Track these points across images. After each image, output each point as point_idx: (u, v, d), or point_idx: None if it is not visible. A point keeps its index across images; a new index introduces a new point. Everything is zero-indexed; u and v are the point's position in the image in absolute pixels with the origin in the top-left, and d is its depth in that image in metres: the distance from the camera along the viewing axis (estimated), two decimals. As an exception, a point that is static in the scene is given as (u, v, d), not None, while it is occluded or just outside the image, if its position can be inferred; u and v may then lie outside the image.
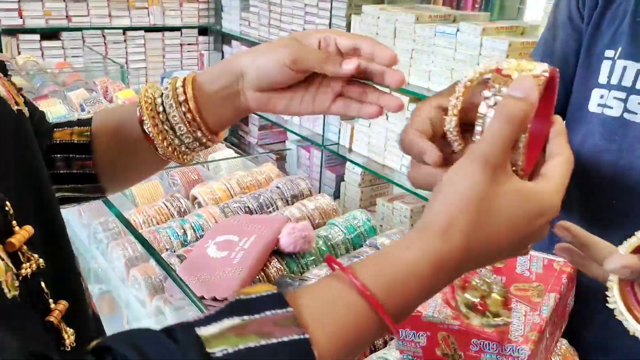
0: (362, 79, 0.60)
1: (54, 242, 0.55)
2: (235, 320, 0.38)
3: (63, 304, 0.50)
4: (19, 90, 0.65)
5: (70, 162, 0.67)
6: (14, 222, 0.46)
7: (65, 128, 0.68)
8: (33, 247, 0.48)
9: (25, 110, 0.58)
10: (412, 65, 2.53)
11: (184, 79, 0.62)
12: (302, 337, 0.38)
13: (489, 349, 0.70)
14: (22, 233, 0.46)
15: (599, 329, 0.89)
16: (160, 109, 0.62)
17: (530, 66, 0.46)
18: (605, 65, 0.82)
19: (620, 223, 0.82)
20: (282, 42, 0.60)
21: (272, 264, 1.11)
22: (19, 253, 0.46)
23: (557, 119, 0.50)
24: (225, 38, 4.34)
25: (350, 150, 2.98)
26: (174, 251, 1.21)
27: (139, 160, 0.68)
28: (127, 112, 0.66)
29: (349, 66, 0.56)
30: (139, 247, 1.12)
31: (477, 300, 0.67)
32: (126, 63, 4.03)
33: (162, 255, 1.16)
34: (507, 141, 0.44)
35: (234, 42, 4.17)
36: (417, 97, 2.54)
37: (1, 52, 3.49)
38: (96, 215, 1.34)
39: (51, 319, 0.48)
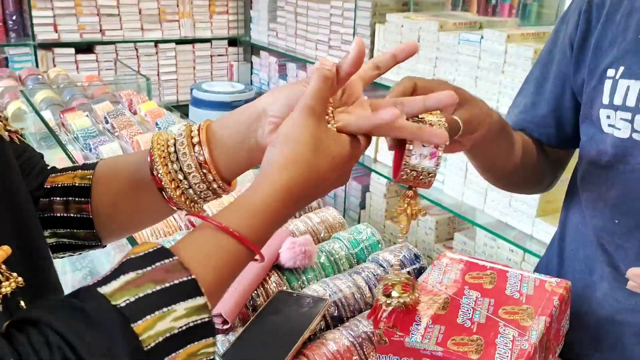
0: None
1: (33, 262, 0.56)
2: (130, 275, 0.44)
3: None
4: (12, 132, 0.66)
5: (68, 204, 0.66)
6: None
7: (69, 172, 0.68)
8: (11, 267, 0.49)
9: (5, 135, 0.60)
10: (436, 74, 2.49)
11: (199, 125, 0.61)
12: (190, 277, 0.45)
13: (473, 376, 0.66)
14: (0, 253, 0.47)
15: (607, 353, 0.84)
16: (172, 150, 0.60)
17: None
18: (607, 85, 0.79)
19: (621, 242, 0.79)
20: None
21: (271, 278, 1.10)
22: None
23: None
24: (254, 49, 4.38)
25: (375, 160, 2.95)
26: (178, 264, 1.21)
27: (142, 207, 0.67)
28: (135, 158, 0.66)
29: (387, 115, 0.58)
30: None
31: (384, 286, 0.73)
32: (157, 75, 4.11)
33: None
34: (324, 95, 0.56)
35: (262, 53, 4.20)
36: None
37: (37, 66, 3.60)
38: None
39: None
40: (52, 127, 1.97)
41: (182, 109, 3.45)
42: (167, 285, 0.44)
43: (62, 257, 0.71)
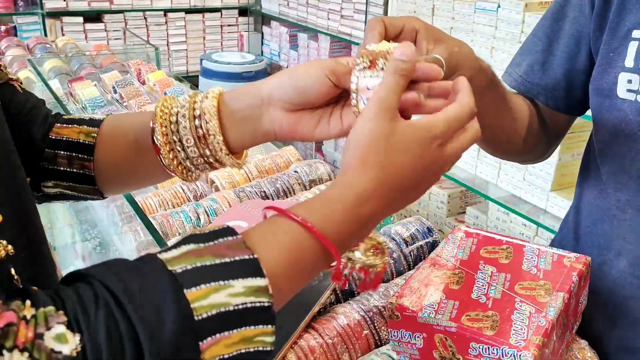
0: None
1: (24, 230, 0.54)
2: (191, 246, 0.43)
3: None
4: (14, 80, 0.67)
5: (71, 160, 0.67)
6: None
7: (75, 126, 0.68)
8: (2, 234, 0.48)
9: None
10: (450, 44, 2.42)
11: (206, 94, 0.61)
12: (251, 257, 0.43)
13: (488, 353, 0.64)
14: None
15: (625, 330, 0.82)
16: (174, 119, 0.60)
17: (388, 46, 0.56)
18: (632, 47, 0.74)
19: None
20: (316, 60, 0.59)
21: (280, 251, 1.08)
22: None
23: (461, 79, 0.56)
24: (265, 19, 4.31)
25: (386, 132, 2.91)
26: (186, 236, 1.19)
27: (143, 169, 0.67)
28: (139, 121, 0.65)
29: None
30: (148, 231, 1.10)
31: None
32: (167, 45, 4.07)
33: (173, 240, 1.14)
34: (398, 89, 0.52)
35: (273, 23, 4.14)
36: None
37: (45, 35, 3.57)
38: (114, 198, 1.34)
39: None
40: (60, 97, 1.95)
41: (191, 80, 3.41)
42: (227, 260, 0.43)
43: (63, 203, 0.72)
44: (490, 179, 2.29)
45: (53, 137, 0.67)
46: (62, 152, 0.66)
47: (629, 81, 0.74)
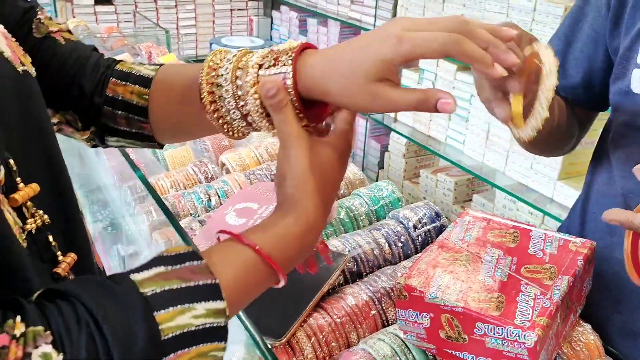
0: None
1: (60, 199, 0.57)
2: (161, 269, 0.47)
3: (72, 257, 0.54)
4: (55, 32, 0.67)
5: (129, 120, 0.68)
6: (18, 179, 0.49)
7: (128, 84, 0.67)
8: (39, 204, 0.51)
9: (32, 71, 0.59)
10: (460, 31, 2.42)
11: (247, 63, 0.57)
12: (213, 282, 0.48)
13: (493, 333, 0.66)
14: (27, 190, 0.49)
15: (627, 314, 0.83)
16: (219, 80, 0.58)
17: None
18: None
19: None
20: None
21: (290, 233, 1.10)
22: (24, 209, 0.49)
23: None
24: (274, 3, 4.30)
25: (395, 120, 2.91)
26: (197, 216, 1.21)
27: (197, 121, 0.65)
28: (190, 73, 0.64)
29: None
30: (161, 211, 1.13)
31: None
32: (177, 28, 4.06)
33: (185, 220, 1.16)
34: (287, 120, 0.55)
35: (283, 8, 4.13)
36: (465, 66, 2.44)
37: (56, 16, 3.57)
38: (126, 179, 1.36)
39: (58, 271, 0.52)
40: (72, 78, 1.96)
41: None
42: (192, 284, 0.47)
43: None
44: (498, 167, 2.30)
45: (110, 95, 0.66)
46: (119, 112, 0.67)
47: None
